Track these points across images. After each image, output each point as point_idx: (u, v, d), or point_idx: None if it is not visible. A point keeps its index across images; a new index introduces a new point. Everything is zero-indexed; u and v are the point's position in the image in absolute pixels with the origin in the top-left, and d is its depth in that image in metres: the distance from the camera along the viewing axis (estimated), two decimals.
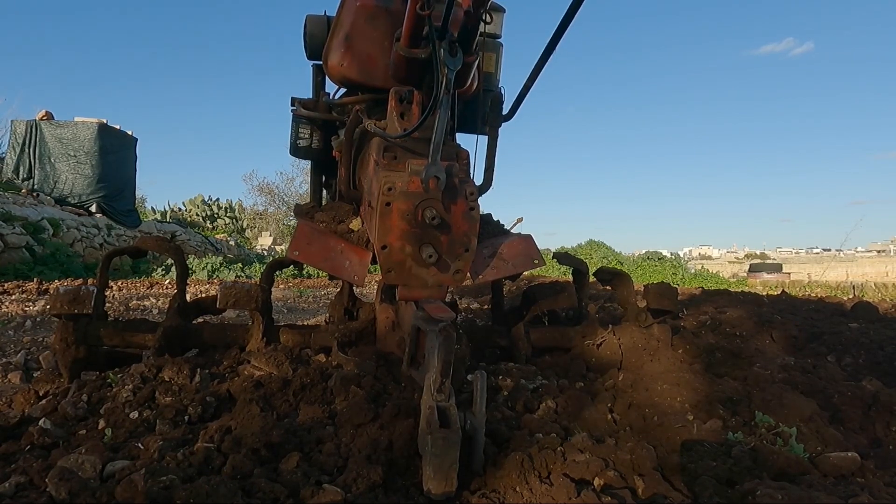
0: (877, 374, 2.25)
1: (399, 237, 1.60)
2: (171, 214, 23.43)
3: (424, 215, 1.58)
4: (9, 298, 5.55)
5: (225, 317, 2.80)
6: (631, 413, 1.63)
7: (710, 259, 61.66)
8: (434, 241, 1.61)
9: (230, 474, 1.11)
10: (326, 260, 1.87)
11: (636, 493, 1.18)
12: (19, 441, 1.37)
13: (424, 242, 1.61)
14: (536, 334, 2.26)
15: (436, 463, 1.12)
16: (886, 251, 52.53)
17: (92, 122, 12.39)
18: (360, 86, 2.18)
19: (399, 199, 1.57)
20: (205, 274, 11.19)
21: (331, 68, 2.19)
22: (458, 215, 1.61)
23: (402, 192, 1.57)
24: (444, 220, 1.60)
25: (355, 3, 2.07)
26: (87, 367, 1.98)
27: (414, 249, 1.61)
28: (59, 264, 9.41)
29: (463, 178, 1.62)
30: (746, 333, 2.92)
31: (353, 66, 2.11)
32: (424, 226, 1.59)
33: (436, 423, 1.15)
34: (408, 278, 1.64)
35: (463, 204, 1.60)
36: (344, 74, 2.15)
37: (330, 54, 2.15)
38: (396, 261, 1.62)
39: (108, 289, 2.33)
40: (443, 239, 1.62)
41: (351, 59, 2.10)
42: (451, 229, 1.62)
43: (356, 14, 2.07)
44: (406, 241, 1.60)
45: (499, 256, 1.96)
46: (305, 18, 2.46)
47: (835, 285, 12.24)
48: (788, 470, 1.26)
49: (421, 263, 1.62)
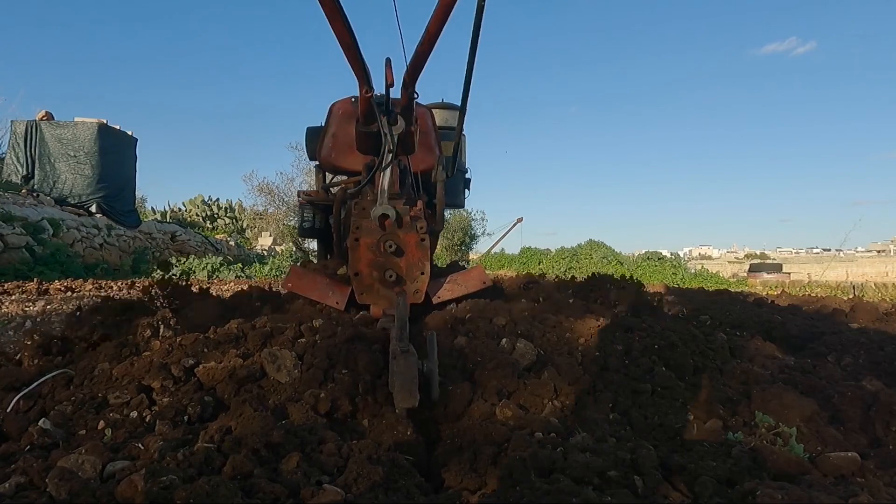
0: (877, 374, 2.25)
1: (367, 265, 2.13)
2: (171, 214, 23.42)
3: (385, 247, 2.09)
4: (9, 298, 5.55)
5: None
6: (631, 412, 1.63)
7: (710, 259, 61.67)
8: (394, 267, 2.13)
9: (230, 474, 1.11)
10: (313, 291, 2.39)
11: (636, 493, 1.18)
12: (19, 441, 1.37)
13: (387, 268, 2.12)
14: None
15: (400, 379, 1.43)
16: (886, 251, 52.52)
17: (92, 122, 12.38)
18: (345, 171, 2.95)
19: (364, 235, 2.10)
20: (205, 274, 11.19)
21: (323, 160, 2.95)
22: (412, 245, 2.12)
23: (367, 230, 2.10)
24: (402, 248, 2.11)
25: (338, 110, 2.91)
26: None
27: (379, 274, 2.13)
28: (59, 264, 9.41)
29: (415, 216, 2.12)
30: (747, 333, 2.92)
31: (339, 156, 2.85)
32: (386, 254, 2.10)
33: (399, 353, 1.47)
34: (376, 299, 2.16)
35: (415, 237, 2.11)
36: (332, 163, 2.93)
37: (322, 150, 2.93)
38: (367, 284, 2.15)
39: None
40: (401, 264, 2.13)
41: (337, 151, 2.87)
42: (407, 257, 2.12)
43: (339, 117, 2.87)
44: (372, 267, 2.13)
45: (454, 282, 2.52)
46: (306, 130, 3.34)
47: (835, 285, 12.24)
48: (788, 470, 1.26)
49: (386, 285, 2.14)
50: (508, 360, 1.86)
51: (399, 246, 2.10)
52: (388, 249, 2.09)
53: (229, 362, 1.70)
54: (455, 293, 2.51)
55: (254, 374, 1.66)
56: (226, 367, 1.66)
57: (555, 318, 2.22)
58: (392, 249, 2.09)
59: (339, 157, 2.86)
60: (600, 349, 2.03)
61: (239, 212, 27.00)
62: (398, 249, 2.10)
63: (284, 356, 1.70)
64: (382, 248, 2.10)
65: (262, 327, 1.98)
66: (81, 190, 12.13)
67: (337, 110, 2.92)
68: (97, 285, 7.36)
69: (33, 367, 1.91)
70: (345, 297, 2.31)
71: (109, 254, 11.66)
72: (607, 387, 1.80)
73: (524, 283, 3.18)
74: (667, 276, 19.95)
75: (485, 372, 1.78)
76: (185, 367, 1.71)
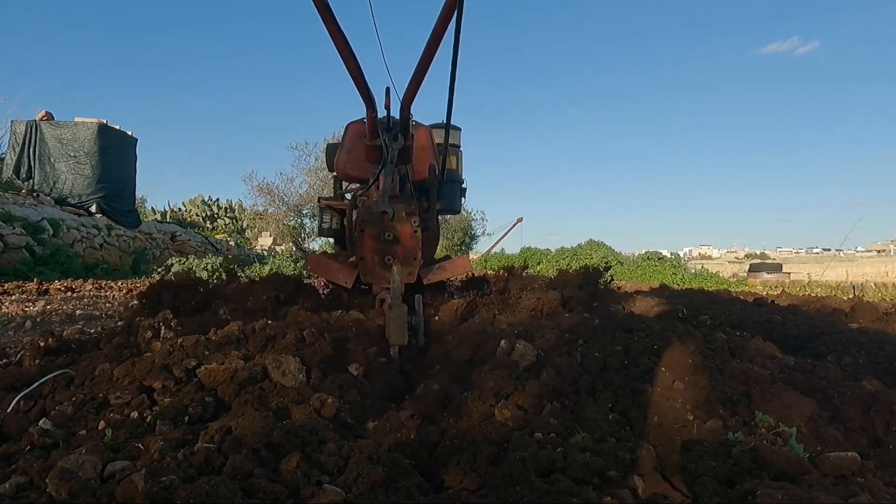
0: (877, 374, 2.25)
1: (370, 251, 2.59)
2: (171, 214, 23.41)
3: (384, 236, 2.55)
4: (9, 299, 5.55)
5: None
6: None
7: (710, 259, 61.67)
8: (392, 253, 2.57)
9: (230, 474, 1.11)
10: (327, 273, 3.03)
11: (636, 493, 1.18)
12: (20, 441, 1.37)
13: (386, 254, 2.57)
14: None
15: (393, 323, 2.02)
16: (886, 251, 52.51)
17: (92, 123, 12.38)
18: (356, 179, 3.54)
19: (368, 227, 2.58)
20: (205, 274, 11.18)
21: (339, 170, 3.56)
22: (406, 236, 2.58)
23: (370, 222, 2.56)
24: (398, 238, 2.57)
25: (352, 130, 3.50)
26: None
27: (380, 259, 2.58)
28: (59, 264, 9.40)
29: (410, 212, 2.64)
30: (747, 333, 2.92)
31: (352, 168, 3.45)
32: (385, 243, 2.56)
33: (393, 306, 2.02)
34: (377, 279, 2.62)
35: (409, 229, 2.59)
36: (346, 173, 3.55)
37: (338, 163, 3.51)
38: (369, 267, 2.60)
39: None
40: (398, 251, 2.57)
41: (350, 164, 3.45)
42: (402, 245, 2.58)
43: (352, 136, 3.47)
44: (374, 253, 2.58)
45: (441, 268, 3.19)
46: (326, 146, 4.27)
47: (835, 285, 12.23)
48: (788, 470, 1.26)
49: (385, 268, 2.56)
50: (507, 362, 1.86)
51: (396, 236, 2.56)
52: (387, 239, 2.55)
53: (231, 364, 1.70)
54: (442, 277, 3.21)
55: (255, 377, 1.66)
56: (227, 369, 1.67)
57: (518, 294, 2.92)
58: (390, 239, 2.55)
59: (351, 168, 3.46)
60: (600, 349, 2.03)
61: (239, 212, 27.00)
62: (395, 239, 2.56)
63: (288, 361, 1.70)
64: (382, 238, 2.56)
65: (263, 330, 1.99)
66: (81, 190, 12.13)
67: (351, 130, 3.54)
68: (97, 285, 7.36)
69: (34, 367, 1.91)
70: (352, 277, 2.86)
71: (109, 254, 11.66)
72: (607, 387, 1.80)
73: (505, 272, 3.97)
74: (667, 275, 19.93)
75: (483, 373, 1.78)
76: (187, 368, 1.71)
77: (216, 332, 1.97)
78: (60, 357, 2.01)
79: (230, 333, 1.96)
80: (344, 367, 1.92)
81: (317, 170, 20.16)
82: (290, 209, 20.60)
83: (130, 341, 2.04)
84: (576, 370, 1.88)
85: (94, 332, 3.06)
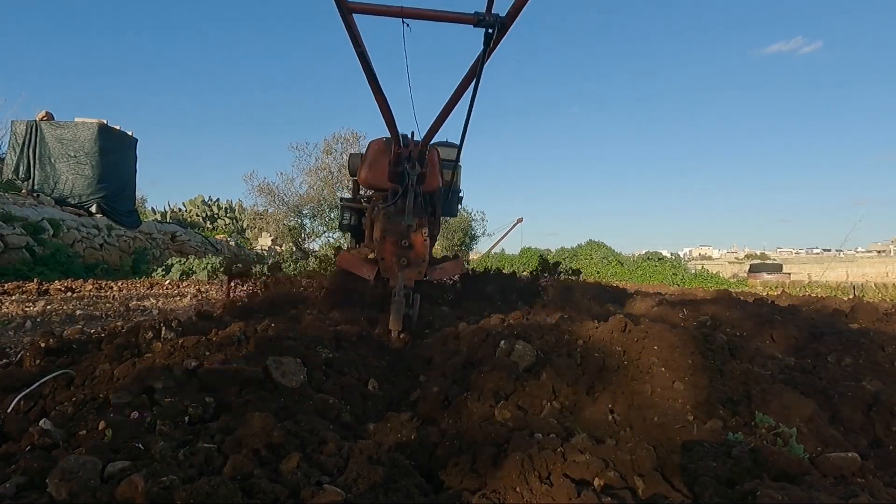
0: (877, 374, 2.25)
1: (390, 254, 3.28)
2: (171, 215, 23.42)
3: (402, 243, 3.25)
4: (9, 299, 5.55)
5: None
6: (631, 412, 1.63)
7: (710, 259, 61.62)
8: (406, 256, 3.25)
9: (231, 475, 1.11)
10: (354, 267, 3.65)
11: (636, 494, 1.18)
12: (20, 441, 1.37)
13: (402, 256, 3.24)
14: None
15: (394, 314, 2.83)
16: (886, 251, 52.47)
17: (92, 123, 12.38)
18: (375, 187, 4.33)
19: (390, 235, 3.28)
20: (205, 274, 11.17)
21: (361, 179, 4.41)
22: (419, 244, 3.27)
23: (392, 231, 3.28)
24: (412, 245, 3.26)
25: (374, 146, 4.27)
26: None
27: (397, 260, 3.25)
28: (60, 265, 9.40)
29: (421, 224, 3.28)
30: (747, 333, 2.92)
31: (372, 178, 4.19)
32: (402, 248, 3.25)
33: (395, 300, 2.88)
34: (394, 275, 3.23)
35: (421, 237, 3.27)
36: (368, 182, 4.33)
37: (361, 172, 4.33)
38: (389, 266, 3.29)
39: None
40: (411, 255, 3.25)
41: (371, 175, 4.18)
42: (415, 250, 3.26)
43: (374, 151, 4.23)
44: (392, 255, 3.27)
45: (443, 268, 3.95)
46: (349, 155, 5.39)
47: (835, 285, 12.23)
48: (788, 470, 1.26)
49: (399, 267, 3.21)
50: (507, 362, 1.86)
51: (411, 243, 3.24)
52: (403, 245, 3.24)
53: (232, 365, 1.70)
54: (442, 275, 4.06)
55: (256, 377, 1.66)
56: (228, 370, 1.67)
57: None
58: (406, 245, 3.24)
59: (371, 178, 4.20)
60: (599, 350, 2.03)
61: (239, 212, 27.00)
62: (410, 245, 3.24)
63: (289, 363, 1.71)
64: (401, 244, 3.24)
65: (264, 331, 1.99)
66: (81, 190, 12.13)
67: (373, 146, 4.31)
68: (97, 285, 7.36)
69: (34, 367, 1.91)
70: (373, 272, 3.46)
71: (109, 254, 11.66)
72: (607, 387, 1.80)
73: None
74: (667, 276, 19.94)
75: (483, 374, 1.78)
76: (188, 368, 1.71)
77: (217, 333, 1.97)
78: (61, 357, 2.01)
79: (231, 334, 1.96)
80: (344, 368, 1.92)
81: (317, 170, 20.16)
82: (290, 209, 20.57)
83: (131, 341, 2.04)
84: (575, 370, 1.88)
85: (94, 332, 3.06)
